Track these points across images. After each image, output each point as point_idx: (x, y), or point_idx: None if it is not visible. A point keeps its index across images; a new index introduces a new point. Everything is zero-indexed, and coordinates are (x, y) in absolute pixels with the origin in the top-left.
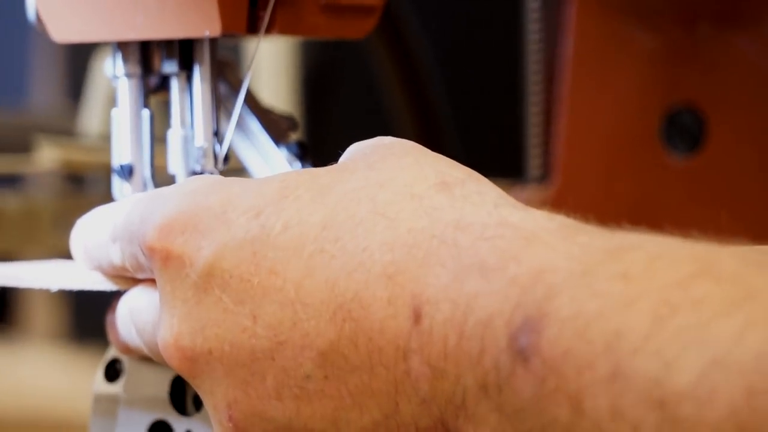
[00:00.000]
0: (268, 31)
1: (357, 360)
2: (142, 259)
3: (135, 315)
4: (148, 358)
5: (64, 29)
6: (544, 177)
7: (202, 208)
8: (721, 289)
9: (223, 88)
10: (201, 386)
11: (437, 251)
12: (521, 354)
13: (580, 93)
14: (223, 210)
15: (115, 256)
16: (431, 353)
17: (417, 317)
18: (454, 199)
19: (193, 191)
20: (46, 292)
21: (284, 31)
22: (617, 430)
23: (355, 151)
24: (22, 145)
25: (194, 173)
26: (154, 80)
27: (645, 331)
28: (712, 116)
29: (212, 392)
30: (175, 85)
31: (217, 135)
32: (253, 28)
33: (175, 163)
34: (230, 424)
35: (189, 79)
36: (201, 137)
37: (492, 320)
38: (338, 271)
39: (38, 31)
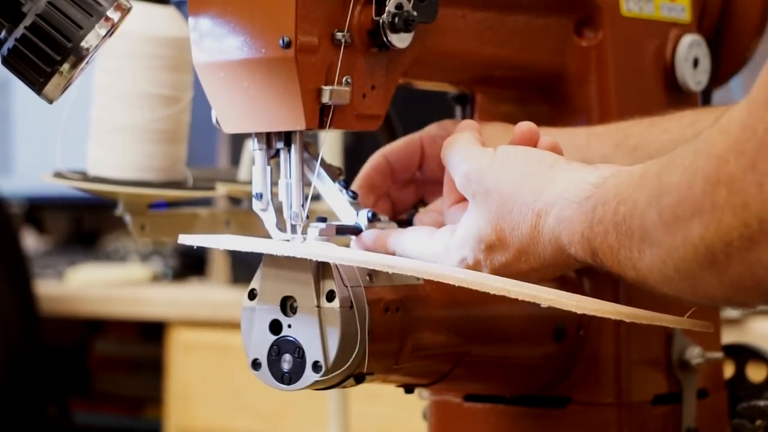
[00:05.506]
0: (329, 126)
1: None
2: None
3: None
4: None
5: (228, 126)
6: None
7: (479, 170)
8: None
9: (306, 155)
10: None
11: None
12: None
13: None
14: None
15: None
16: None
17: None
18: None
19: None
20: (221, 252)
21: (337, 126)
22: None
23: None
24: (209, 185)
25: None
26: (272, 152)
27: (649, 192)
28: None
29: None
30: (282, 154)
31: (303, 179)
32: (321, 125)
33: (282, 195)
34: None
35: (289, 151)
36: (295, 186)
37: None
38: (533, 188)
39: (217, 127)
